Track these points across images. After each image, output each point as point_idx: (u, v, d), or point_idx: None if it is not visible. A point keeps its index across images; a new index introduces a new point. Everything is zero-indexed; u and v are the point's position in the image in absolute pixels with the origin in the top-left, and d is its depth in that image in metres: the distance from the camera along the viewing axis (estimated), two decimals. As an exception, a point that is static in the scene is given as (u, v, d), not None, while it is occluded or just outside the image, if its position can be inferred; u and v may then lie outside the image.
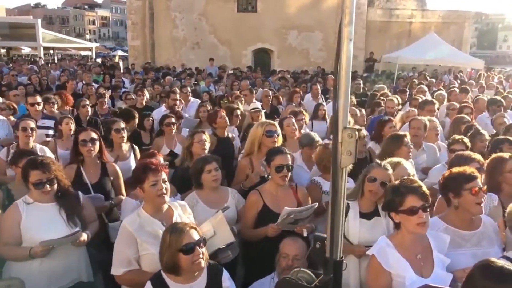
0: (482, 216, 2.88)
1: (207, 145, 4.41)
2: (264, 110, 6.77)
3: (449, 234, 2.77)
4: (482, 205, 2.77)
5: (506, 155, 3.51)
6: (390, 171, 3.21)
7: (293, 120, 5.21)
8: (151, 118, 5.82)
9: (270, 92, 8.08)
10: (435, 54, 16.37)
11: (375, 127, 5.30)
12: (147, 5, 22.03)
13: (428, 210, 2.52)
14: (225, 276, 2.71)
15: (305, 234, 3.28)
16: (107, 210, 3.97)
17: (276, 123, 4.66)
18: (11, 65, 18.94)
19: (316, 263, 1.81)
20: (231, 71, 16.63)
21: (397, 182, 2.68)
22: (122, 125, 4.81)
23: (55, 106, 6.49)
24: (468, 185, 2.74)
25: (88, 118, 6.44)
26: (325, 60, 21.81)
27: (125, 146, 4.86)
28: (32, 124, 4.70)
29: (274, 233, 3.30)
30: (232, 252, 3.13)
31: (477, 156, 3.64)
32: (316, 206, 3.35)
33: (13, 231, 3.04)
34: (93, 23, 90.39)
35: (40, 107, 6.13)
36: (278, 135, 4.43)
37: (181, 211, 3.06)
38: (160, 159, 3.78)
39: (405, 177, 2.74)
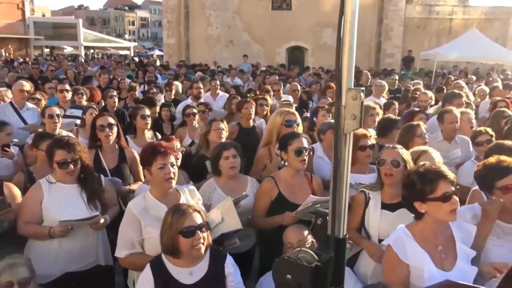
0: None
1: (224, 134, 4.34)
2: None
3: None
4: None
5: None
6: (401, 149, 3.07)
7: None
8: (166, 109, 5.85)
9: (299, 87, 7.96)
10: (477, 50, 15.56)
11: (404, 118, 5.05)
12: (182, 3, 22.37)
13: (456, 195, 2.29)
14: (229, 261, 2.58)
15: None
16: (125, 195, 3.93)
17: (296, 112, 4.50)
18: (51, 62, 19.61)
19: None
20: (263, 68, 16.57)
21: (420, 169, 2.37)
22: (148, 112, 4.91)
23: (84, 97, 6.63)
24: (500, 182, 2.48)
25: (115, 109, 6.51)
26: (360, 58, 21.15)
27: (148, 134, 4.94)
28: (57, 110, 4.80)
29: (290, 221, 3.12)
30: (246, 240, 2.98)
31: None
32: None
33: (35, 210, 3.06)
34: (133, 24, 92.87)
35: (68, 96, 6.24)
36: (298, 125, 4.28)
37: (189, 196, 2.96)
38: (177, 144, 3.71)
39: (426, 163, 2.47)
